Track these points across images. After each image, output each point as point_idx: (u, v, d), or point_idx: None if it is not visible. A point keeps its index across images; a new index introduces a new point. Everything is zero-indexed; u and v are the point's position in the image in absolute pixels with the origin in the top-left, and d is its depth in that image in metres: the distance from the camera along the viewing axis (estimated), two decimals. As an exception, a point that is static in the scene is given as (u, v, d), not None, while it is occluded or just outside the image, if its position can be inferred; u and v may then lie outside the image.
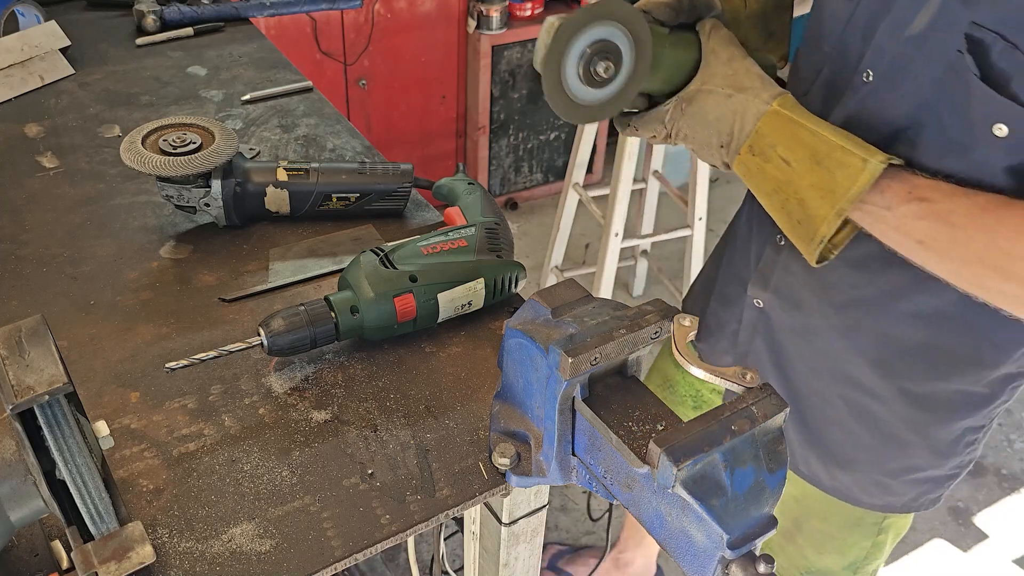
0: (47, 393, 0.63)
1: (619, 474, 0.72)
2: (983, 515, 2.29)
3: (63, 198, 1.18)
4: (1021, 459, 2.44)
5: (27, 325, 0.68)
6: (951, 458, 1.12)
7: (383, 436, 0.87)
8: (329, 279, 1.06)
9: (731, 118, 0.88)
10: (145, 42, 1.58)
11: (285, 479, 0.82)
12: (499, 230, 1.03)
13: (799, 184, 0.85)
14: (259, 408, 0.89)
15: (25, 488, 0.67)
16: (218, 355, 0.88)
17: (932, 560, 2.18)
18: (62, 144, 1.29)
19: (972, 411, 1.05)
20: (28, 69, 1.43)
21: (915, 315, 0.98)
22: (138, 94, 1.43)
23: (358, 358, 0.95)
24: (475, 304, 0.98)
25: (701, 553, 0.65)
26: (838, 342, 1.06)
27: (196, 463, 0.83)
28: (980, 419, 1.07)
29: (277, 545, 0.76)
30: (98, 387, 0.90)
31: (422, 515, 0.79)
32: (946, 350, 0.99)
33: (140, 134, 1.07)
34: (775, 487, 0.65)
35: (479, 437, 0.87)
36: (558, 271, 2.72)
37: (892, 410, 1.06)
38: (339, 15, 2.62)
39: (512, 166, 3.17)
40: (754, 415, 0.65)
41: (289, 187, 1.11)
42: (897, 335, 1.01)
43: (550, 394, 0.74)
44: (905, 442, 1.09)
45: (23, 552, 0.75)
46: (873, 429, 1.09)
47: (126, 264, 1.07)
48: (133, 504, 0.78)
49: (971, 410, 1.05)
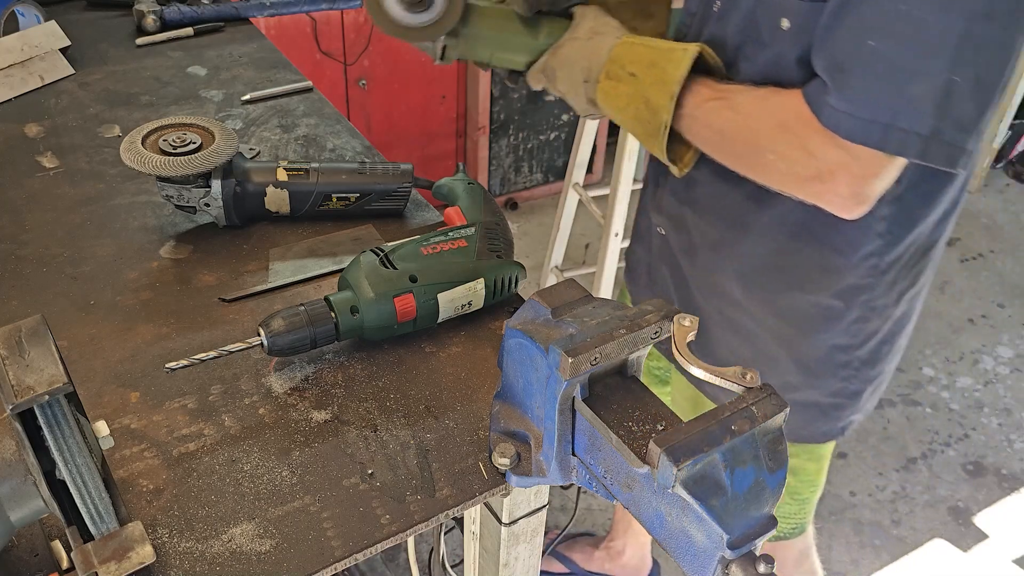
0: (47, 393, 0.62)
1: (619, 474, 0.71)
2: (983, 515, 2.29)
3: (63, 198, 1.18)
4: (1021, 459, 2.44)
5: (27, 325, 0.68)
6: (823, 379, 1.19)
7: (383, 436, 0.87)
8: (329, 279, 1.06)
9: (591, 55, 1.04)
10: (145, 42, 1.58)
11: (285, 479, 0.82)
12: (499, 230, 1.03)
13: (643, 89, 1.00)
14: (259, 408, 0.89)
15: (25, 488, 0.67)
16: (218, 355, 0.88)
17: (932, 560, 2.18)
18: (62, 144, 1.29)
19: (830, 325, 1.13)
20: (28, 69, 1.44)
21: (769, 225, 1.09)
22: (138, 94, 1.43)
23: (358, 358, 0.95)
24: (475, 304, 0.98)
25: (701, 553, 0.65)
26: (711, 257, 1.17)
27: (196, 463, 0.83)
28: (843, 336, 1.14)
29: (277, 545, 0.76)
30: (98, 387, 0.90)
31: (422, 515, 0.79)
32: (796, 259, 1.09)
33: (140, 134, 1.07)
34: (775, 487, 0.65)
35: (479, 437, 0.87)
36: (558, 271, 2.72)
37: (760, 323, 1.16)
38: (339, 15, 2.62)
39: (512, 166, 3.17)
40: (754, 415, 0.65)
41: (289, 187, 1.11)
42: (755, 247, 1.11)
43: (550, 394, 0.74)
44: (774, 357, 1.18)
45: (23, 552, 0.75)
46: (747, 343, 1.18)
47: (126, 264, 1.07)
48: (133, 504, 0.78)
49: (829, 323, 1.13)
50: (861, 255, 1.06)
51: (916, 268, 1.12)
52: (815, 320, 1.12)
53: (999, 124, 3.23)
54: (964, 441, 2.48)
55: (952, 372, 2.68)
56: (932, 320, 2.86)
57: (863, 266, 1.07)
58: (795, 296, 1.12)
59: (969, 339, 2.80)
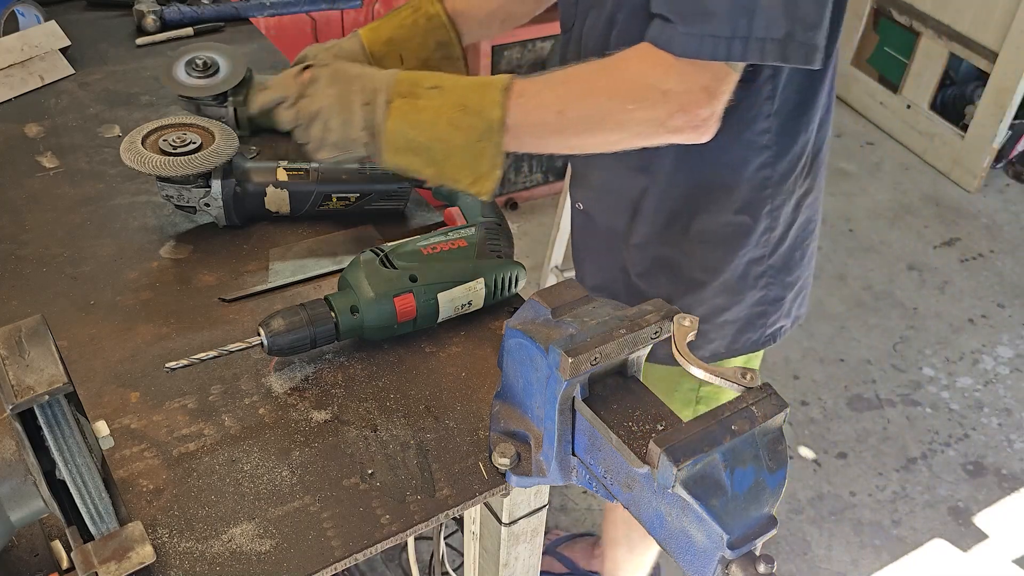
0: (47, 393, 0.63)
1: (619, 474, 0.71)
2: (983, 515, 2.29)
3: (63, 198, 1.18)
4: (1021, 459, 2.44)
5: (27, 325, 0.68)
6: (746, 294, 1.23)
7: (383, 436, 0.87)
8: (329, 279, 1.06)
9: (368, 80, 0.99)
10: (145, 42, 1.58)
11: (285, 479, 0.82)
12: (499, 230, 1.03)
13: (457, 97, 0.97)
14: (259, 408, 0.89)
15: (25, 488, 0.67)
16: (218, 355, 0.88)
17: (932, 560, 2.18)
18: (62, 144, 1.29)
19: (743, 240, 1.17)
20: (28, 69, 1.43)
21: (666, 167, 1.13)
22: (138, 94, 1.42)
23: (358, 358, 0.95)
24: (475, 304, 0.98)
25: (701, 553, 0.65)
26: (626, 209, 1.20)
27: (196, 463, 0.83)
28: (756, 249, 1.19)
29: (277, 545, 0.76)
30: (98, 387, 0.90)
31: (422, 515, 0.79)
32: (698, 186, 1.13)
33: (140, 134, 1.07)
34: (775, 487, 0.65)
35: (479, 437, 0.87)
36: (558, 271, 2.72)
37: (683, 254, 1.19)
38: (339, 15, 2.62)
39: (512, 166, 3.17)
40: (754, 415, 0.65)
41: (289, 187, 1.10)
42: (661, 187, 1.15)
43: (550, 394, 0.74)
44: (701, 283, 1.21)
45: (23, 552, 0.75)
46: (674, 279, 1.22)
47: (126, 264, 1.07)
48: (133, 504, 0.78)
49: (742, 239, 1.17)
50: (752, 168, 1.11)
51: (809, 173, 1.17)
52: (729, 238, 1.17)
53: (999, 124, 3.23)
54: (964, 441, 2.48)
55: (952, 372, 2.68)
56: (932, 320, 2.86)
57: (757, 178, 1.12)
58: (705, 219, 1.16)
59: (969, 339, 2.80)
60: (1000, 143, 3.30)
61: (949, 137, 3.43)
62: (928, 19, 3.37)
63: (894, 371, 2.66)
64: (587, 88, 0.97)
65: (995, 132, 3.26)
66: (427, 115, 0.97)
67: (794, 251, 1.23)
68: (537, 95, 0.97)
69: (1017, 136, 3.34)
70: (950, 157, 3.45)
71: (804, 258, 1.26)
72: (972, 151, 3.36)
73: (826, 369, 2.65)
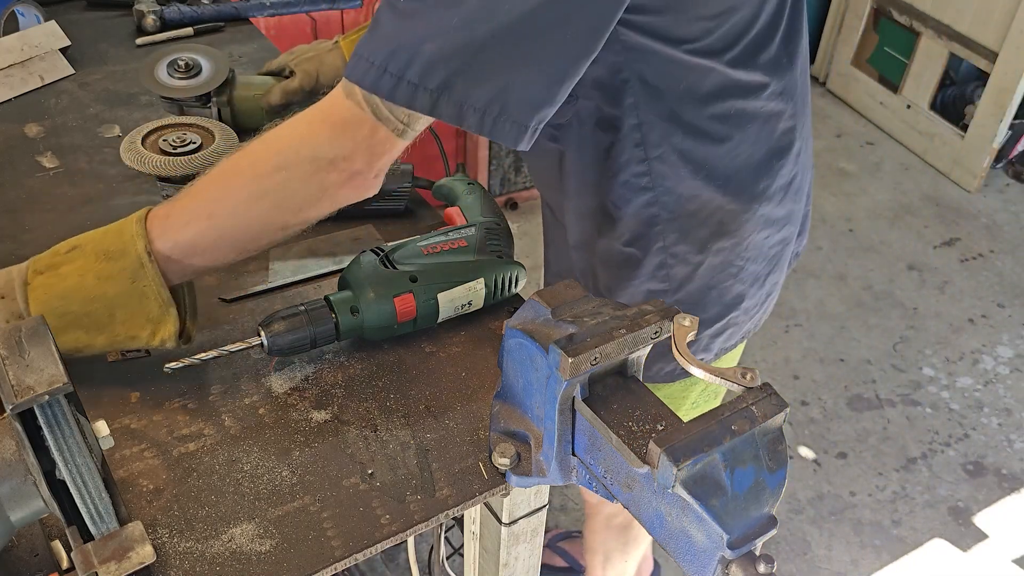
0: (47, 393, 0.63)
1: (619, 474, 0.71)
2: (983, 515, 2.29)
3: (63, 198, 1.18)
4: (1021, 459, 2.44)
5: (27, 325, 0.68)
6: None
7: (383, 436, 0.87)
8: (329, 279, 1.06)
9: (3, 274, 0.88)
10: (145, 42, 1.58)
11: (285, 479, 0.82)
12: (499, 230, 1.03)
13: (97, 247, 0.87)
14: (259, 408, 0.89)
15: (25, 488, 0.67)
16: (218, 355, 0.88)
17: (932, 560, 2.18)
18: (62, 144, 1.29)
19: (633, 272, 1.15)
20: (28, 69, 1.43)
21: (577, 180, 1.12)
22: (138, 94, 1.42)
23: (358, 358, 0.95)
24: (475, 304, 0.98)
25: (701, 553, 0.65)
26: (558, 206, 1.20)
27: (196, 463, 0.83)
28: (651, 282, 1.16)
29: (277, 545, 0.76)
30: (98, 387, 0.90)
31: (422, 515, 0.79)
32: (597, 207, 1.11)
33: (140, 134, 1.07)
34: (775, 487, 0.65)
35: (479, 437, 0.87)
36: (558, 271, 2.72)
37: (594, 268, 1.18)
38: (339, 15, 2.61)
39: (512, 166, 3.17)
40: (754, 415, 0.65)
41: (289, 187, 1.10)
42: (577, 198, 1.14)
43: (550, 394, 0.74)
44: None
45: (23, 552, 0.75)
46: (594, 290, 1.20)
47: (126, 264, 1.07)
48: (133, 504, 0.78)
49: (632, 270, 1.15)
50: (636, 206, 1.09)
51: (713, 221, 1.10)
52: (622, 266, 1.15)
53: (999, 124, 3.23)
54: (964, 441, 2.48)
55: (952, 372, 2.68)
56: (932, 320, 2.86)
57: (644, 215, 1.09)
58: (603, 243, 1.15)
59: (969, 339, 2.80)
60: (1000, 143, 3.30)
61: (949, 137, 3.43)
62: (928, 19, 3.37)
63: (894, 371, 2.66)
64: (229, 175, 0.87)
65: (995, 132, 3.26)
66: (71, 280, 0.86)
67: (709, 290, 1.17)
68: (182, 210, 0.87)
69: (1017, 136, 3.34)
70: (950, 157, 3.45)
71: (725, 297, 1.19)
72: (972, 151, 3.36)
73: (826, 369, 2.65)
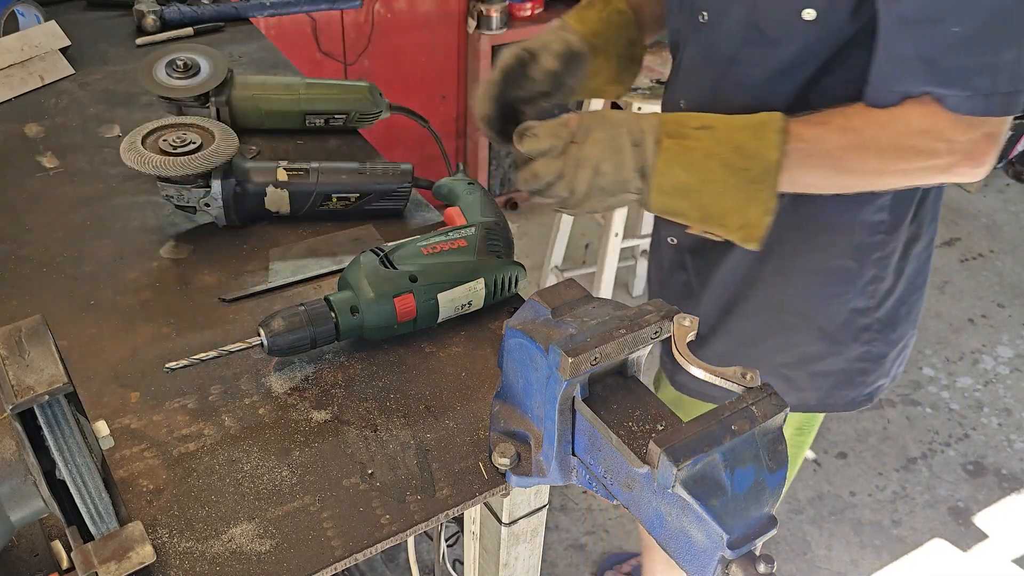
0: (47, 393, 0.63)
1: (619, 474, 0.71)
2: (983, 515, 2.29)
3: (63, 198, 1.18)
4: (1021, 459, 2.44)
5: (27, 325, 0.68)
6: (846, 345, 1.18)
7: (383, 436, 0.87)
8: (329, 279, 1.06)
9: (633, 122, 0.96)
10: (145, 42, 1.58)
11: (285, 479, 0.82)
12: (499, 230, 1.03)
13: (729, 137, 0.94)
14: (259, 408, 0.89)
15: (25, 488, 0.67)
16: (218, 355, 0.88)
17: (932, 560, 2.18)
18: (62, 144, 1.29)
19: (846, 287, 1.13)
20: (28, 69, 1.43)
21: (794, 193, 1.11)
22: (138, 94, 1.42)
23: (358, 358, 0.95)
24: (475, 304, 0.98)
25: (701, 553, 0.65)
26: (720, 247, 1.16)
27: (196, 463, 0.83)
28: (860, 298, 1.14)
29: (277, 545, 0.76)
30: (98, 387, 0.90)
31: (422, 515, 0.79)
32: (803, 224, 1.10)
33: (140, 134, 1.07)
34: (775, 487, 0.65)
35: (479, 437, 0.87)
36: (558, 271, 2.72)
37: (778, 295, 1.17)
38: (339, 15, 2.62)
39: (512, 166, 3.17)
40: (754, 415, 0.65)
41: (289, 187, 1.10)
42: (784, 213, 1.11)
43: (550, 394, 0.74)
44: (795, 327, 1.18)
45: (23, 552, 0.75)
46: (768, 321, 1.19)
47: (126, 264, 1.07)
48: (133, 504, 0.78)
49: (844, 285, 1.13)
50: (872, 208, 1.08)
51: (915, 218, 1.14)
52: (831, 283, 1.13)
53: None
54: (964, 441, 2.48)
55: (952, 372, 2.68)
56: (932, 320, 2.86)
57: (871, 221, 1.09)
58: (807, 259, 1.13)
59: (969, 339, 2.80)
60: (1000, 143, 3.30)
61: (949, 137, 3.43)
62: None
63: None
64: (868, 142, 0.95)
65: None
66: (698, 155, 0.94)
67: (900, 304, 1.18)
68: (815, 141, 0.95)
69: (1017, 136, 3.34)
70: (950, 157, 3.44)
71: (909, 314, 1.21)
72: (972, 151, 3.35)
73: (826, 369, 2.65)
